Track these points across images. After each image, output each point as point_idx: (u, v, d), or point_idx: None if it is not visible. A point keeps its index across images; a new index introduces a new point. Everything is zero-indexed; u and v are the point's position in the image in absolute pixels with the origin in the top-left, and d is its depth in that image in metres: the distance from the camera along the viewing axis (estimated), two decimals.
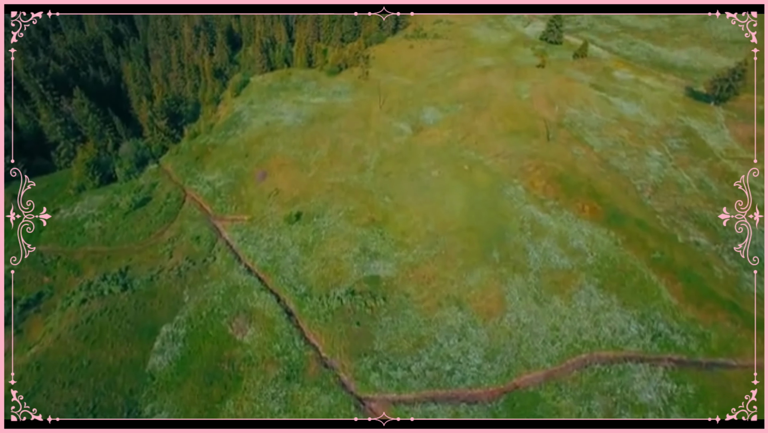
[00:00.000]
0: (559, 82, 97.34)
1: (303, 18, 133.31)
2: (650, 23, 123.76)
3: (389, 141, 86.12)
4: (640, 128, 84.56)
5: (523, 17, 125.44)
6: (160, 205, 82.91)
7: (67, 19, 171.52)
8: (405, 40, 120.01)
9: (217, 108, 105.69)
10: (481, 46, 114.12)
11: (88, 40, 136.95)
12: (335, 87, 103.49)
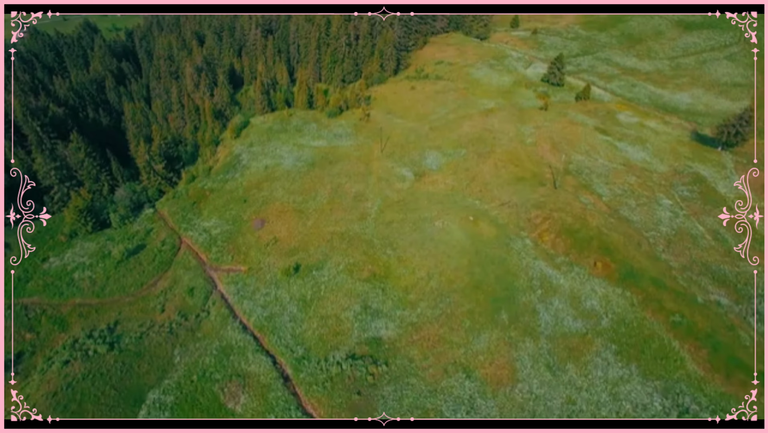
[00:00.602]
0: (563, 126, 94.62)
1: (305, 58, 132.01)
2: (650, 65, 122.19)
3: (391, 187, 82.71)
4: (648, 175, 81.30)
5: (524, 59, 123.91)
6: (154, 254, 78.86)
7: (73, 59, 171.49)
8: (406, 81, 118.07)
9: (217, 150, 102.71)
10: (482, 88, 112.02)
11: (90, 80, 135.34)
12: (336, 129, 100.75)
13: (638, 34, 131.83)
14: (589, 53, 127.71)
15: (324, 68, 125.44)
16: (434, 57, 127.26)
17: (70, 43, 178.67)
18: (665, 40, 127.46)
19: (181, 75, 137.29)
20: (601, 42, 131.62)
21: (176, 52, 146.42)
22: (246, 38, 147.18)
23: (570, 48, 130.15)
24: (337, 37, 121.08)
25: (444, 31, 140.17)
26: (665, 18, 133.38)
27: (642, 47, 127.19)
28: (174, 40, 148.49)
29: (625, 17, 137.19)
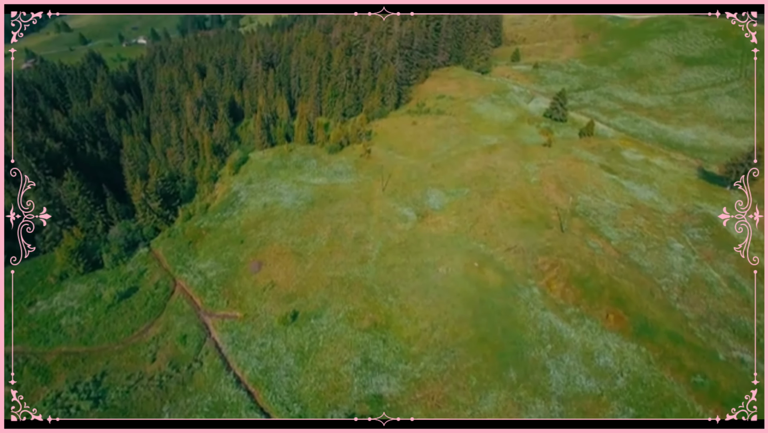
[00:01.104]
0: (567, 164, 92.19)
1: (306, 92, 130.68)
2: (652, 100, 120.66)
3: (392, 228, 79.66)
4: (656, 216, 78.36)
5: (526, 93, 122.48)
6: (147, 297, 75.29)
7: (76, 90, 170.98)
8: (408, 116, 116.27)
9: (215, 186, 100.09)
10: (485, 123, 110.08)
11: (91, 113, 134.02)
12: (336, 166, 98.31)
13: (639, 68, 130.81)
14: (591, 88, 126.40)
15: (325, 102, 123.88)
16: (436, 91, 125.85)
17: (74, 75, 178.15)
18: (666, 75, 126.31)
19: (181, 108, 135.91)
20: (602, 76, 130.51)
21: (177, 84, 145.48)
22: (247, 71, 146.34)
23: (571, 82, 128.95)
24: (338, 71, 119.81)
25: (445, 64, 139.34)
26: (665, 53, 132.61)
27: (643, 82, 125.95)
28: (175, 73, 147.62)
29: (626, 52, 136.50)
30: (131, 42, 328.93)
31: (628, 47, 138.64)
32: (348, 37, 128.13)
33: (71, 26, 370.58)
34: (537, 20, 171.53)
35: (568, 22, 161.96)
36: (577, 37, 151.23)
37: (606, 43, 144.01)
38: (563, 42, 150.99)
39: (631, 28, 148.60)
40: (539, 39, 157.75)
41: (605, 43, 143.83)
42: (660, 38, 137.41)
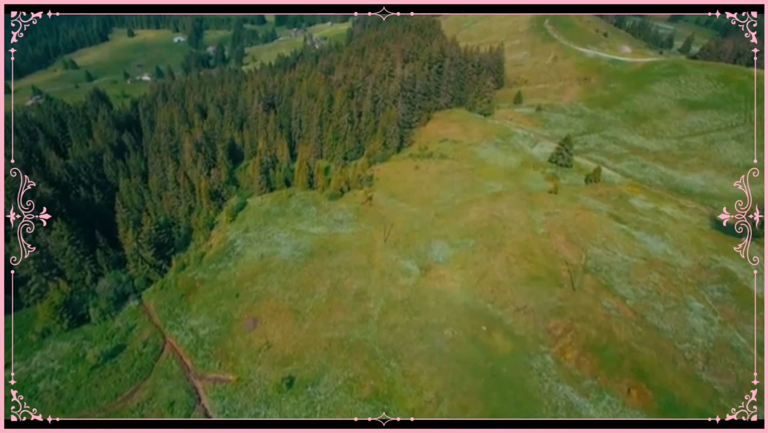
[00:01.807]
0: (575, 213, 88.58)
1: (306, 134, 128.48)
2: (658, 144, 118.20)
3: (395, 283, 75.37)
4: (672, 271, 74.16)
5: (529, 137, 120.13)
6: (134, 357, 70.51)
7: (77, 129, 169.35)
8: (410, 160, 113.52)
9: (211, 234, 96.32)
10: (489, 169, 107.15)
11: (89, 154, 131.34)
12: (337, 214, 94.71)
13: (642, 112, 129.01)
14: (595, 131, 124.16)
15: (326, 145, 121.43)
16: (438, 134, 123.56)
17: (75, 113, 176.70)
18: (670, 119, 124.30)
19: (180, 149, 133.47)
20: (606, 120, 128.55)
21: (177, 125, 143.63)
22: (248, 111, 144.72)
23: (575, 126, 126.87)
24: (339, 113, 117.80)
25: (447, 106, 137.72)
26: (668, 97, 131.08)
27: (648, 126, 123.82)
28: (176, 113, 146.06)
29: (629, 95, 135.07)
30: (135, 79, 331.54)
31: (630, 90, 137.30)
32: (350, 80, 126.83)
33: (78, 63, 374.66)
34: (538, 62, 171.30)
35: (569, 64, 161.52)
36: (579, 79, 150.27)
37: (608, 85, 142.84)
38: (565, 84, 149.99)
39: (632, 71, 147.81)
40: (541, 81, 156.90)
41: (607, 86, 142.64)
42: (662, 82, 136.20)
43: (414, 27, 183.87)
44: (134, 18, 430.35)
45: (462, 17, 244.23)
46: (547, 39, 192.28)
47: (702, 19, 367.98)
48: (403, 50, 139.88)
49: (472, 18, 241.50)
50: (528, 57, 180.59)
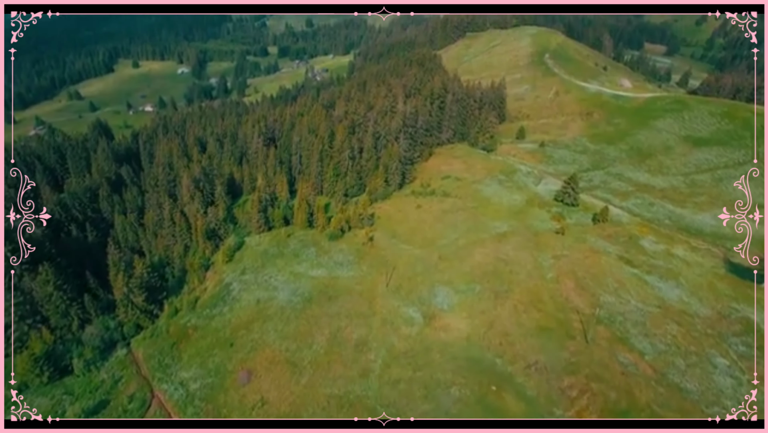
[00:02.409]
0: (584, 256, 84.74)
1: (307, 169, 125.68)
2: (664, 181, 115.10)
3: (397, 333, 71.01)
4: (690, 321, 69.85)
5: (533, 174, 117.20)
6: (118, 415, 65.64)
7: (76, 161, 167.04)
8: (412, 197, 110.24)
9: (206, 276, 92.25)
10: (493, 207, 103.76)
11: (84, 189, 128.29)
12: (337, 255, 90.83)
13: (647, 148, 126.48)
14: (600, 168, 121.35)
15: (326, 181, 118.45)
16: (440, 170, 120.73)
17: (75, 146, 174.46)
18: (676, 156, 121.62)
19: (178, 184, 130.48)
20: (611, 156, 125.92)
21: (176, 159, 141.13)
22: (248, 146, 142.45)
23: (579, 162, 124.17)
24: (340, 150, 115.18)
25: (449, 141, 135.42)
26: (672, 133, 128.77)
27: (653, 162, 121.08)
28: (175, 147, 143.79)
29: (633, 131, 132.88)
30: (138, 109, 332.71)
31: (634, 126, 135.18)
32: (351, 115, 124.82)
33: (83, 94, 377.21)
34: (540, 96, 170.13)
35: (571, 99, 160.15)
36: (582, 114, 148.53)
37: (611, 121, 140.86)
38: (568, 119, 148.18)
39: (635, 106, 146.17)
40: (543, 115, 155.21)
41: (611, 122, 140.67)
42: (665, 117, 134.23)
43: (415, 61, 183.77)
44: (140, 49, 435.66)
45: (462, 51, 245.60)
46: (548, 73, 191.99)
47: (697, 53, 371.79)
48: (404, 85, 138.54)
49: (472, 52, 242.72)
50: (529, 91, 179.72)
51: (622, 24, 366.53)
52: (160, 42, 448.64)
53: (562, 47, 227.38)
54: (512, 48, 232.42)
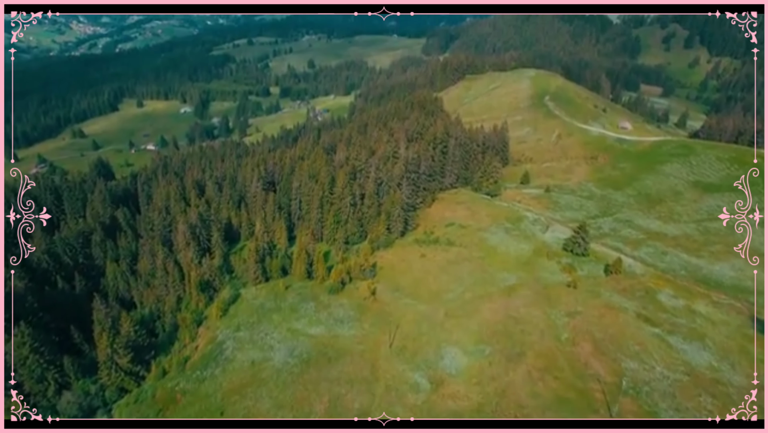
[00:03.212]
0: (600, 313, 79.12)
1: (307, 215, 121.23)
2: (676, 229, 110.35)
3: (402, 401, 64.71)
4: (724, 391, 63.80)
5: (540, 221, 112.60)
6: None
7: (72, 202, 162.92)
8: (415, 246, 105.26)
9: (198, 332, 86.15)
10: (500, 257, 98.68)
11: (76, 234, 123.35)
12: (337, 311, 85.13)
13: (656, 193, 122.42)
14: (608, 214, 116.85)
15: (326, 228, 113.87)
16: (444, 217, 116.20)
17: (72, 187, 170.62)
18: (686, 202, 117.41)
19: (174, 230, 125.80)
20: (619, 202, 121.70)
21: (173, 203, 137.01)
22: (247, 189, 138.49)
23: (587, 208, 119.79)
24: (341, 196, 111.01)
25: (452, 186, 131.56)
26: (680, 178, 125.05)
27: (663, 208, 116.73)
28: (172, 191, 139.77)
29: (640, 176, 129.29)
30: (140, 148, 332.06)
31: (641, 171, 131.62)
32: (353, 161, 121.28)
33: (86, 132, 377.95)
34: (542, 139, 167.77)
35: (574, 142, 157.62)
36: (586, 158, 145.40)
37: (617, 165, 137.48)
38: (572, 163, 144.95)
39: (641, 150, 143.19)
40: (546, 159, 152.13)
41: (616, 166, 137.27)
42: (672, 162, 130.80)
43: (417, 104, 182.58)
44: (145, 89, 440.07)
45: (463, 93, 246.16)
46: (549, 115, 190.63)
47: (692, 94, 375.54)
48: (407, 130, 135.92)
49: (472, 94, 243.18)
50: (531, 133, 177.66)
51: (618, 66, 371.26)
52: (165, 82, 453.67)
53: (562, 89, 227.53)
54: (512, 90, 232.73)
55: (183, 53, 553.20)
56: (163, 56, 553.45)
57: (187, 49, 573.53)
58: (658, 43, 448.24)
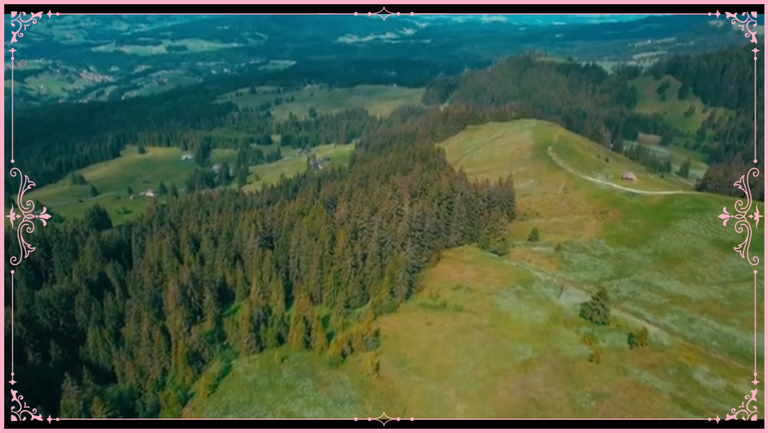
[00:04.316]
0: (629, 396, 70.60)
1: (305, 275, 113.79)
2: (700, 292, 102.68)
3: None
4: None
5: (553, 283, 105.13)
6: None
7: (62, 254, 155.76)
8: (421, 311, 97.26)
9: (182, 413, 76.91)
10: (513, 326, 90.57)
11: (59, 294, 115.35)
12: (337, 390, 76.40)
13: (673, 252, 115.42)
14: (625, 275, 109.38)
15: (326, 290, 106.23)
16: (450, 278, 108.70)
17: (63, 238, 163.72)
18: (707, 262, 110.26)
19: (164, 289, 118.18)
20: (635, 261, 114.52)
21: (166, 259, 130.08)
22: (243, 245, 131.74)
23: (601, 269, 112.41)
24: (342, 257, 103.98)
25: (458, 243, 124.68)
26: (699, 236, 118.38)
27: (683, 269, 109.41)
28: (165, 246, 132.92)
29: (654, 233, 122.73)
30: (139, 195, 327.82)
31: (655, 227, 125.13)
32: (354, 219, 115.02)
33: (87, 178, 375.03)
34: (548, 192, 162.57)
35: (581, 195, 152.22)
36: (596, 212, 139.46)
37: (629, 221, 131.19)
38: (581, 218, 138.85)
39: (652, 205, 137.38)
40: (554, 213, 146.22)
41: (628, 222, 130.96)
42: (688, 218, 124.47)
43: (419, 156, 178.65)
44: (147, 136, 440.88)
45: (464, 144, 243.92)
46: (553, 167, 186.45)
47: (690, 143, 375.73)
48: (410, 185, 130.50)
49: (474, 144, 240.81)
50: (536, 186, 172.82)
51: (616, 116, 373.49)
52: (167, 129, 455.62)
53: (564, 140, 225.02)
54: (514, 141, 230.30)
55: (187, 101, 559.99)
56: (167, 104, 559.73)
57: (191, 97, 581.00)
58: (653, 93, 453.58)
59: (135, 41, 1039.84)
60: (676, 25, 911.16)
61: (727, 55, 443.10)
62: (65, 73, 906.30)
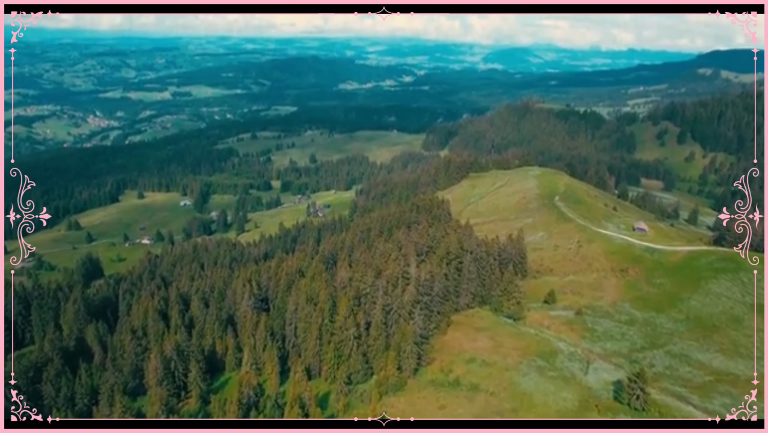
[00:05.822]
0: None
1: (303, 344, 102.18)
2: (748, 368, 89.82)
3: None
4: None
5: (578, 355, 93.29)
6: None
7: (42, 312, 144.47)
8: (432, 391, 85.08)
9: None
10: (537, 411, 78.25)
11: (27, 367, 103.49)
12: None
13: (708, 318, 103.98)
14: (657, 346, 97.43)
15: (325, 363, 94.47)
16: (463, 348, 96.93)
17: (43, 295, 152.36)
18: (750, 331, 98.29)
19: (146, 359, 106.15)
20: (666, 328, 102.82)
21: (152, 323, 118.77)
22: (236, 307, 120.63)
23: (630, 338, 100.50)
24: (343, 326, 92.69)
25: (469, 306, 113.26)
26: (735, 300, 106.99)
27: (723, 339, 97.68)
28: (152, 308, 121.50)
29: (683, 295, 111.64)
30: (134, 242, 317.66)
31: (683, 289, 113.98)
32: (356, 283, 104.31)
33: (83, 224, 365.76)
34: (559, 246, 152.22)
35: (597, 251, 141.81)
36: (614, 270, 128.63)
37: (653, 281, 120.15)
38: (599, 276, 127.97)
39: (675, 262, 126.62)
40: (569, 270, 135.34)
41: (652, 282, 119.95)
42: (719, 279, 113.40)
43: (422, 207, 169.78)
44: (147, 181, 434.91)
45: (468, 192, 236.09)
46: (562, 218, 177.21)
47: (693, 188, 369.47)
48: (416, 243, 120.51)
49: (478, 193, 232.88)
50: (546, 239, 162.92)
51: (617, 161, 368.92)
52: (167, 174, 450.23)
53: (570, 188, 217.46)
54: (519, 189, 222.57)
55: (188, 146, 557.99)
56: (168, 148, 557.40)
57: (193, 142, 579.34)
58: (652, 139, 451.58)
59: (141, 87, 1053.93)
60: (666, 73, 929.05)
61: (722, 101, 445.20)
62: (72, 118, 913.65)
